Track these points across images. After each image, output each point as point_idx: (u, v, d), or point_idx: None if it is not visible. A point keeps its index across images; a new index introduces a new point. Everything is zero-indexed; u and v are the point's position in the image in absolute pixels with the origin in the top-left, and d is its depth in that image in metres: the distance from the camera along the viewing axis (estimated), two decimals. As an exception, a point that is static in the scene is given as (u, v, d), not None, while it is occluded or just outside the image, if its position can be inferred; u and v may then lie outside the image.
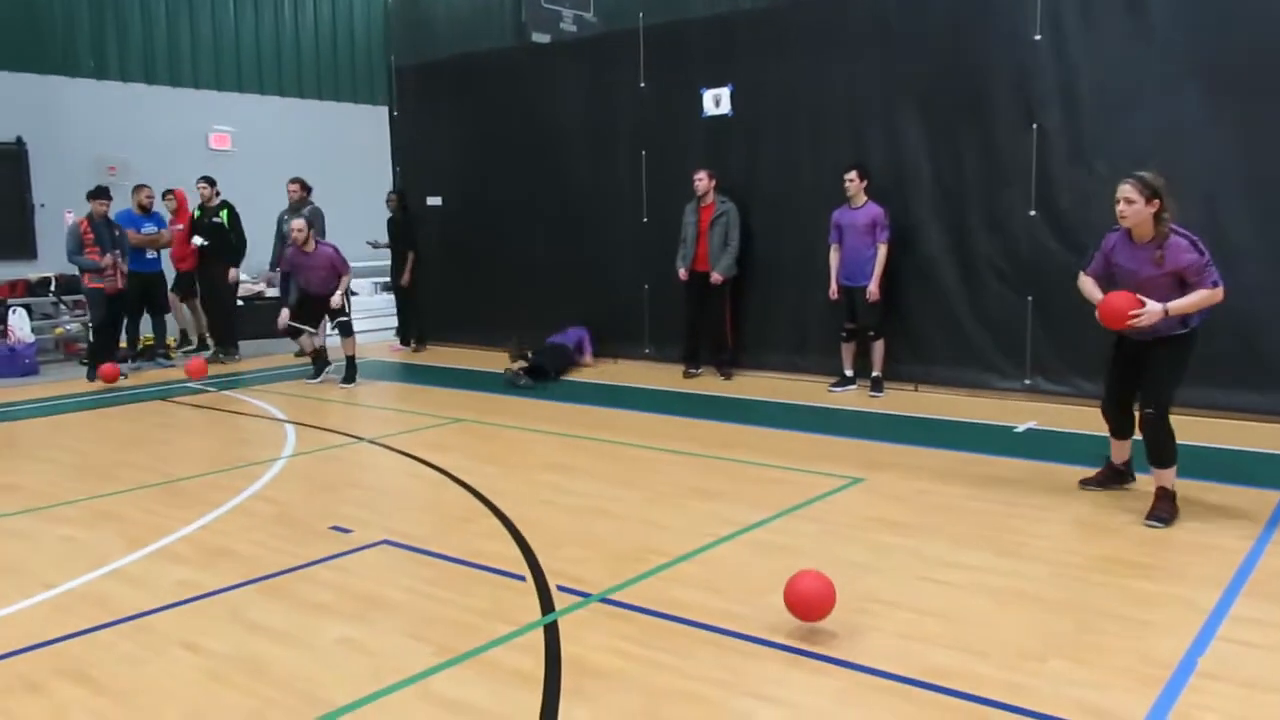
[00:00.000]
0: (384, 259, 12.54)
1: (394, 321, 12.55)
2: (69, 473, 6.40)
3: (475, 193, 11.74)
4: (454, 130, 11.87)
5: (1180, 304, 4.76)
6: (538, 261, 11.14)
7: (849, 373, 8.69)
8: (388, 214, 11.86)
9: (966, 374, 8.36)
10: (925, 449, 6.56)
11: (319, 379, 9.71)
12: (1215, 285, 4.76)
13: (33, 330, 11.02)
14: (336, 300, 9.40)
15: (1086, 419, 6.71)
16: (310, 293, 9.52)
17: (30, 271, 11.70)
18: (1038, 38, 7.74)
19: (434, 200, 12.07)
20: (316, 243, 9.39)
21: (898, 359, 8.59)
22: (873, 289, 8.31)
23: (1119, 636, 3.61)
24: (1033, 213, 7.90)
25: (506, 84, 11.30)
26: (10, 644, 3.71)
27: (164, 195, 11.68)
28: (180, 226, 11.45)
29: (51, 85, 12.63)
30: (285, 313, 9.51)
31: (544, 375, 9.51)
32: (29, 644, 3.71)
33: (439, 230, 11.95)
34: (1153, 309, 4.74)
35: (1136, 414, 5.12)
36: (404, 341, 12.18)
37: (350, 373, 9.62)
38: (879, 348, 8.49)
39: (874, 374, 8.51)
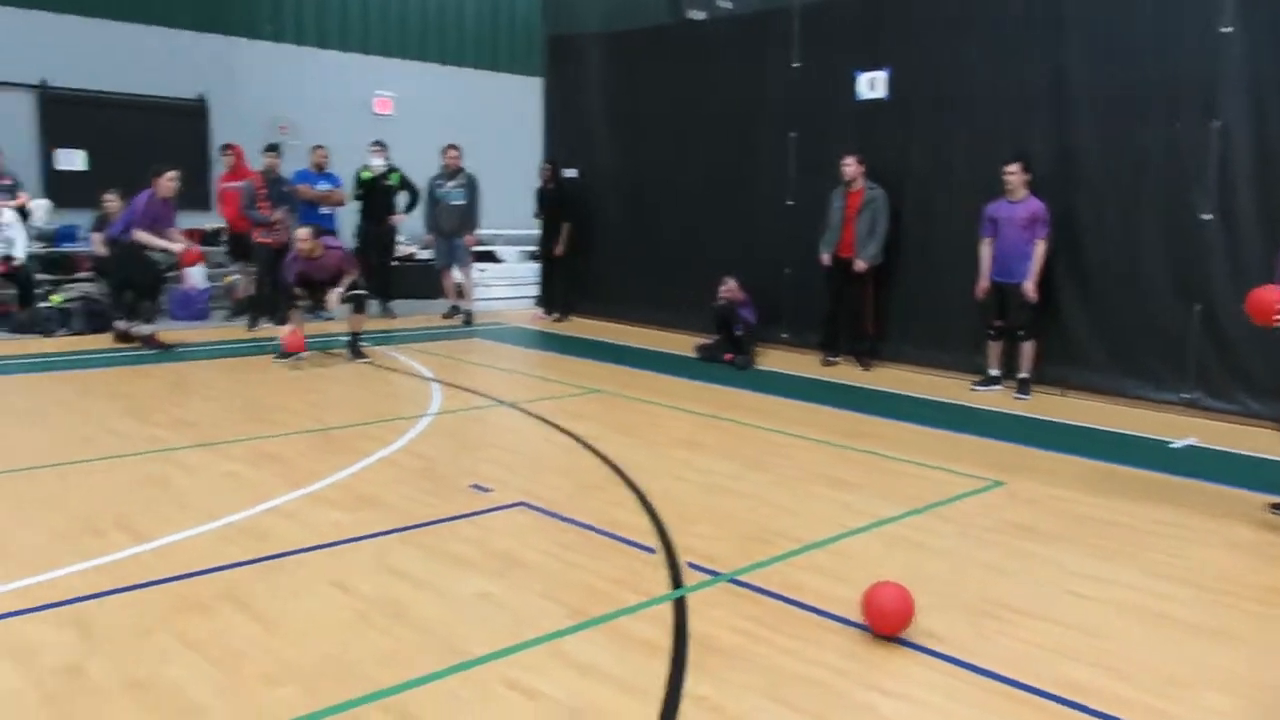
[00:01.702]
0: (530, 228, 12.84)
1: (537, 290, 12.84)
2: (235, 413, 6.83)
3: (621, 167, 11.86)
4: (604, 104, 12.00)
5: None
6: (679, 239, 11.18)
7: (994, 372, 8.44)
8: (537, 184, 12.10)
9: (1121, 382, 8.00)
10: (1071, 456, 6.33)
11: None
12: None
13: (207, 278, 11.73)
14: (334, 300, 8.91)
15: (1254, 440, 6.36)
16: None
17: (207, 223, 12.44)
18: (1227, 30, 7.29)
19: (570, 172, 12.25)
20: (326, 247, 8.92)
21: (1047, 361, 8.29)
22: (1029, 287, 8.03)
23: None
24: (1208, 216, 7.47)
25: (659, 59, 11.35)
26: (182, 567, 4.01)
27: (222, 150, 11.73)
28: (237, 184, 11.18)
29: (233, 46, 13.34)
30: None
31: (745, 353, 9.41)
32: (199, 569, 4.00)
33: (586, 203, 12.12)
34: None
35: None
36: (547, 310, 12.45)
37: (356, 348, 9.20)
38: (1028, 348, 8.21)
39: (1021, 375, 8.24)
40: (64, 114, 11.91)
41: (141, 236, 9.07)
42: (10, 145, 11.13)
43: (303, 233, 8.80)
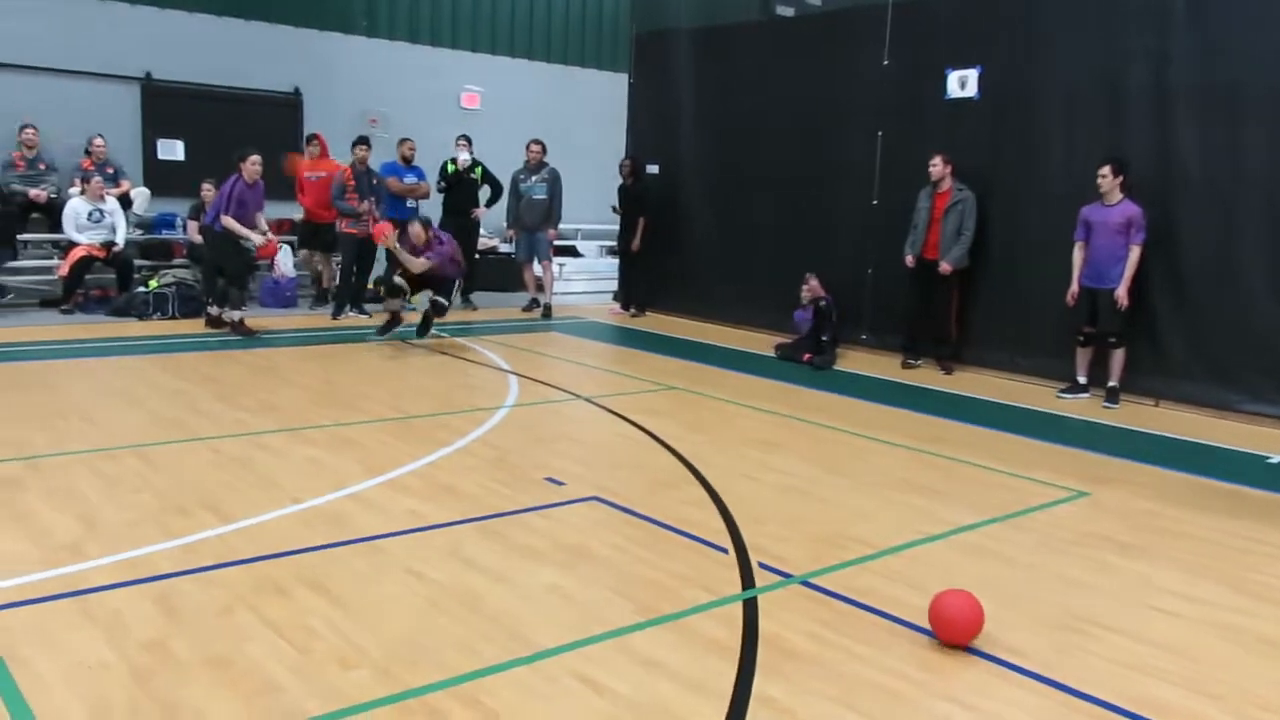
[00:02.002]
0: (611, 223, 12.87)
1: (615, 285, 12.87)
2: (317, 399, 6.99)
3: (704, 163, 11.81)
4: (689, 99, 11.96)
5: None
6: (761, 237, 11.10)
7: (1082, 379, 8.20)
8: (619, 180, 12.13)
9: (1217, 393, 7.70)
10: (1161, 469, 6.12)
11: (384, 337, 9.48)
12: None
13: (294, 266, 12.03)
14: (422, 299, 9.31)
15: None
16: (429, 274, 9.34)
17: (297, 213, 12.74)
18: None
19: (652, 168, 12.25)
20: (438, 238, 9.32)
21: (1138, 370, 8.02)
22: (1121, 293, 7.78)
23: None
24: (1315, 223, 7.16)
25: (746, 56, 11.27)
26: (263, 548, 4.12)
27: (308, 140, 11.68)
28: (319, 174, 11.32)
29: (329, 41, 13.64)
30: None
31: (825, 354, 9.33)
32: (279, 550, 4.10)
33: (667, 200, 12.11)
34: None
35: None
36: (624, 306, 12.48)
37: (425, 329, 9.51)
38: (1119, 356, 7.96)
39: (1110, 383, 7.99)
40: (165, 105, 12.32)
41: (229, 224, 9.34)
42: (115, 135, 11.58)
43: (415, 229, 9.23)
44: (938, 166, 8.92)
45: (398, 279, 9.34)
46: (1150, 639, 3.65)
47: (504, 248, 13.43)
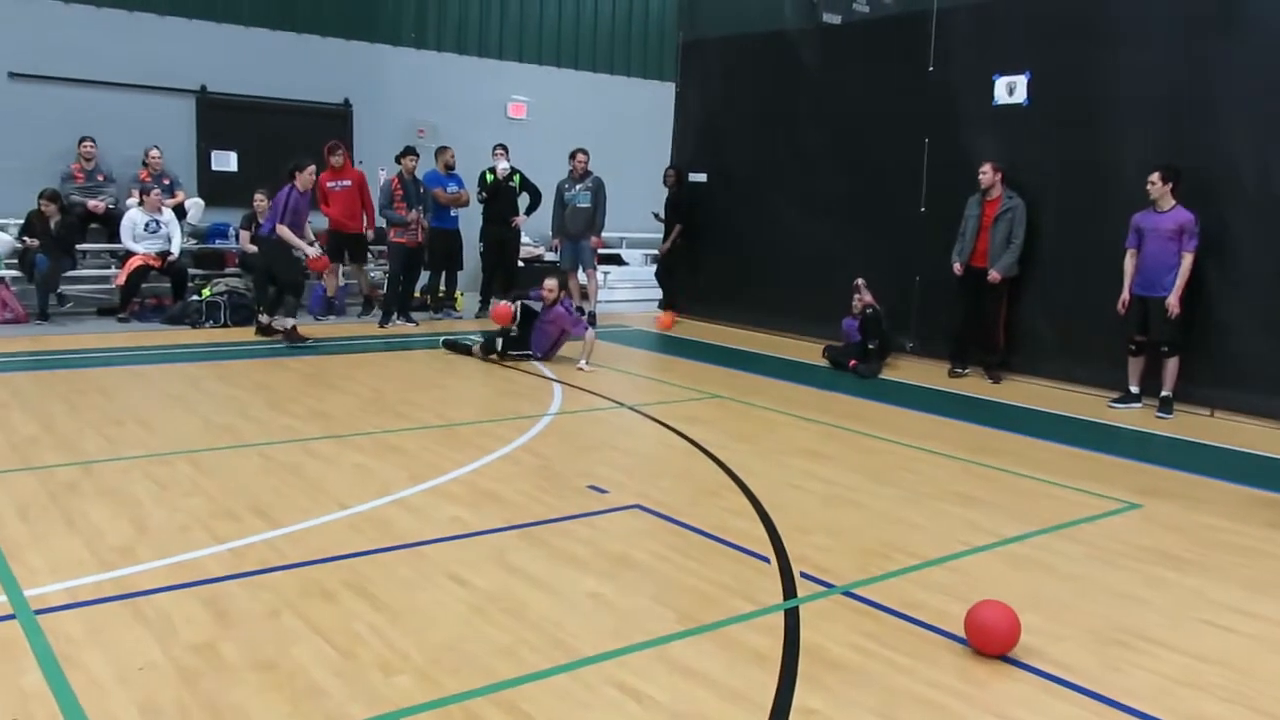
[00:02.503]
0: (655, 231, 12.91)
1: (659, 294, 12.88)
2: (365, 406, 7.08)
3: (750, 171, 11.80)
4: (735, 108, 11.96)
5: None
6: (807, 245, 11.05)
7: (1135, 389, 8.05)
8: (663, 188, 12.15)
9: (1274, 403, 7.52)
10: (1217, 481, 5.98)
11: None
12: None
13: (342, 275, 12.18)
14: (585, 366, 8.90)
15: None
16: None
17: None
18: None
19: (698, 176, 12.25)
20: (560, 304, 9.11)
21: (1193, 379, 7.86)
22: (1173, 301, 7.63)
23: None
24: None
25: (792, 64, 11.25)
26: (311, 553, 4.18)
27: (330, 149, 11.38)
28: (347, 183, 11.34)
29: (378, 53, 13.83)
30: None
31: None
32: (326, 555, 4.16)
33: (711, 208, 12.11)
34: None
35: None
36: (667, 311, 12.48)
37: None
38: (1172, 365, 7.80)
39: (1163, 393, 7.83)
40: (219, 117, 12.56)
41: (283, 233, 9.51)
42: (170, 147, 11.83)
43: (550, 284, 9.02)
44: (987, 174, 8.82)
45: (499, 341, 9.07)
46: (1202, 654, 3.57)
47: (548, 256, 13.50)
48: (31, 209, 10.38)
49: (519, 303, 9.21)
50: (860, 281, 9.53)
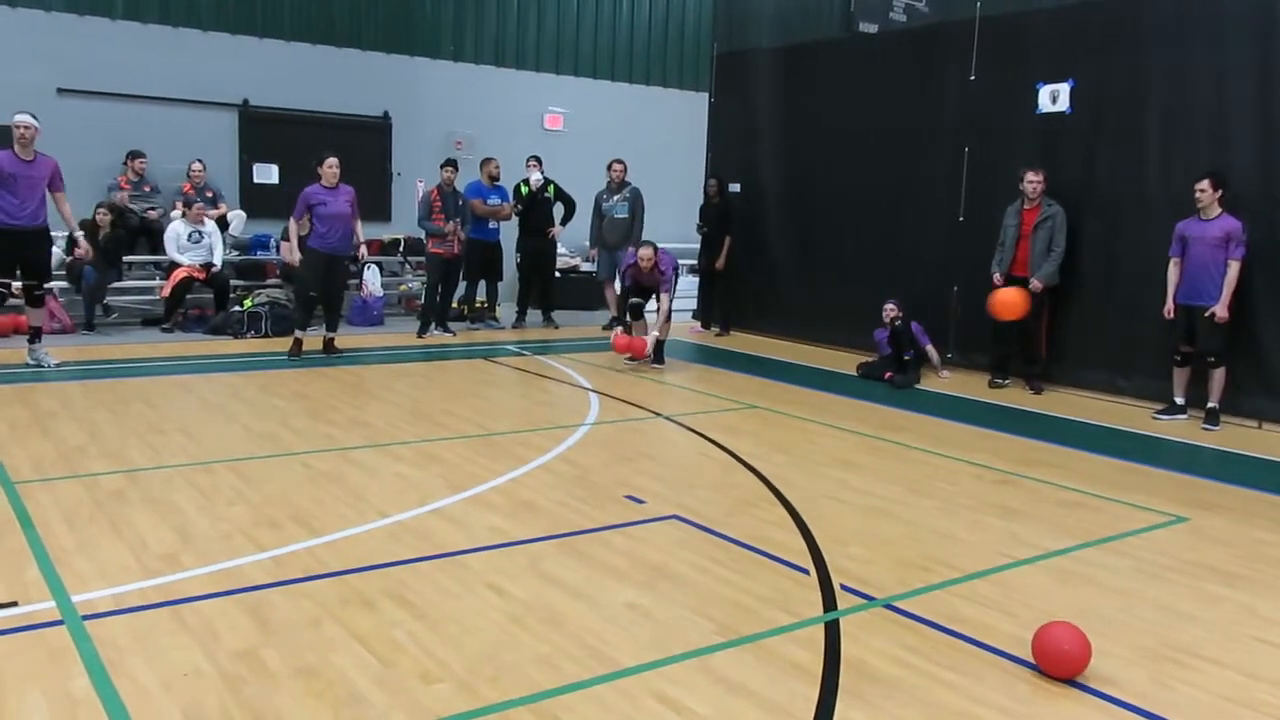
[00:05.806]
0: (693, 242, 12.88)
1: (695, 304, 12.86)
2: (405, 415, 7.12)
3: (787, 182, 11.75)
4: (771, 118, 11.92)
5: None
6: (845, 255, 10.99)
7: (1180, 400, 7.91)
8: (701, 199, 12.13)
9: (1326, 415, 7.37)
10: (1267, 495, 5.86)
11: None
12: None
13: (381, 286, 12.31)
14: (649, 345, 9.54)
15: None
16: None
17: (384, 233, 13.04)
18: None
19: (733, 187, 12.23)
20: (657, 266, 9.60)
21: (1241, 390, 7.72)
22: (1220, 311, 7.50)
23: None
24: None
25: (828, 73, 11.20)
26: (352, 562, 4.21)
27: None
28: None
29: (416, 65, 13.97)
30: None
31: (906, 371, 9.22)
32: (366, 564, 4.19)
33: (748, 218, 12.08)
34: None
35: None
36: (705, 325, 12.46)
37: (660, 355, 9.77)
38: (1219, 376, 7.66)
39: (1210, 404, 7.69)
40: (261, 131, 12.74)
41: (290, 229, 9.76)
42: (213, 160, 12.02)
43: (645, 252, 9.51)
44: (1037, 182, 8.69)
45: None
46: (1254, 672, 3.49)
47: (585, 266, 13.54)
48: (84, 218, 10.55)
49: (630, 301, 9.98)
50: (889, 305, 9.38)
